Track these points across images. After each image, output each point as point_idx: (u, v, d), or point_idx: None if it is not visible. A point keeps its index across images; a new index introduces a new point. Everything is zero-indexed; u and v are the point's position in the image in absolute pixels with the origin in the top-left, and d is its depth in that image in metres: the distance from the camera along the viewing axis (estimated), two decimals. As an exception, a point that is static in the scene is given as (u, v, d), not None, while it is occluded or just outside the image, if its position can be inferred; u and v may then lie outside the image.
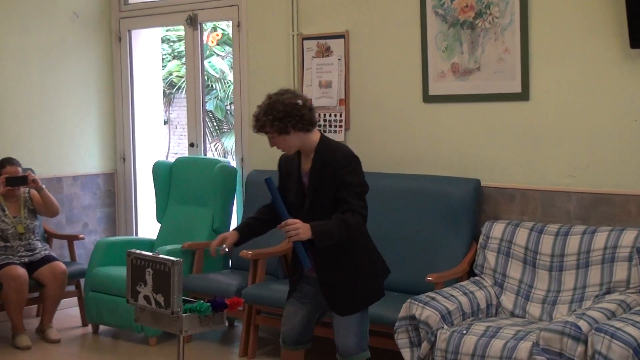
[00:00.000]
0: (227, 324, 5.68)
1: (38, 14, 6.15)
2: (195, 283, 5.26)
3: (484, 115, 4.81)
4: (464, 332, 3.91)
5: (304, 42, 5.51)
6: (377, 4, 5.20)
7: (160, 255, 3.56)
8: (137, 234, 6.65)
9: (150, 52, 6.80)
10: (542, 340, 3.62)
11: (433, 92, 4.98)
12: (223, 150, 14.20)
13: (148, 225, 6.61)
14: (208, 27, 12.77)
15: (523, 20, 4.59)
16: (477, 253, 4.58)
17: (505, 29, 4.65)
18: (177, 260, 3.46)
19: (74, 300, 5.95)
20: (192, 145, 6.32)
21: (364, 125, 5.30)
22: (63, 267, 5.54)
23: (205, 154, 6.48)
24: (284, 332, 3.76)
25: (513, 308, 4.32)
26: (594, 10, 4.39)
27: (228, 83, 13.53)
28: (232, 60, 6.65)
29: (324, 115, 5.43)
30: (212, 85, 13.85)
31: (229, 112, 13.81)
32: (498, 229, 4.51)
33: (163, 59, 11.93)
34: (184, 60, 7.72)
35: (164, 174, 6.07)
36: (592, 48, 4.42)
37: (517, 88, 4.65)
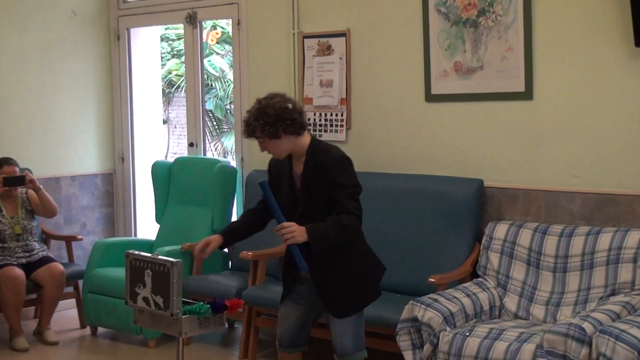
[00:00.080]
0: (227, 326, 5.67)
1: (36, 13, 6.15)
2: (195, 284, 5.25)
3: (487, 115, 4.80)
4: (467, 334, 3.90)
5: (305, 40, 5.50)
6: (378, 2, 5.19)
7: (160, 257, 3.56)
8: (135, 235, 6.65)
9: (149, 50, 6.80)
10: (546, 343, 3.61)
11: (435, 91, 4.97)
12: (223, 150, 14.19)
13: (147, 226, 6.61)
14: (208, 25, 12.75)
15: (526, 19, 4.57)
16: (480, 254, 4.57)
17: (509, 27, 4.64)
18: (176, 262, 3.46)
19: (72, 302, 5.94)
20: (191, 145, 6.31)
21: (366, 125, 5.29)
22: (61, 268, 5.54)
23: (205, 154, 6.48)
24: (280, 333, 3.79)
25: (516, 310, 4.30)
26: (599, 8, 4.37)
27: (228, 82, 13.54)
28: (232, 59, 6.64)
29: (325, 115, 5.42)
30: (211, 84, 13.85)
31: (229, 111, 13.81)
32: (501, 230, 4.50)
33: (162, 58, 11.94)
34: (184, 59, 7.70)
35: (163, 174, 6.06)
36: (596, 46, 4.40)
37: (520, 87, 4.64)
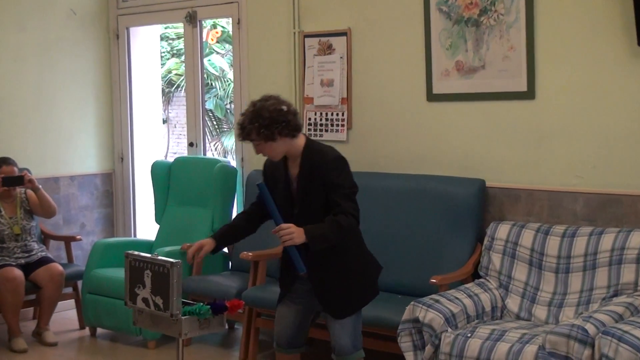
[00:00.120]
0: (227, 327, 5.66)
1: (35, 11, 6.14)
2: (195, 285, 5.25)
3: (489, 115, 4.79)
4: (469, 335, 3.89)
5: (306, 39, 5.49)
6: (379, 1, 5.18)
7: (159, 257, 3.56)
8: (135, 235, 6.64)
9: (149, 49, 6.80)
10: (548, 344, 3.59)
11: (437, 90, 4.96)
12: (223, 150, 14.19)
13: (146, 226, 6.61)
14: (208, 24, 12.75)
15: (529, 18, 4.56)
16: (481, 255, 4.56)
17: (511, 27, 4.63)
18: (176, 262, 3.46)
19: (71, 303, 5.94)
20: (191, 145, 6.31)
21: (367, 125, 5.28)
22: (60, 268, 5.53)
23: (205, 154, 6.48)
24: (277, 334, 3.81)
25: (518, 311, 4.29)
26: (601, 7, 4.36)
27: (228, 81, 13.54)
28: (232, 58, 6.63)
29: (326, 114, 5.41)
30: (211, 84, 13.85)
31: (229, 111, 13.80)
32: (503, 230, 4.49)
33: (162, 57, 11.92)
34: (183, 58, 7.71)
35: (163, 174, 6.06)
36: (599, 45, 4.39)
37: (522, 86, 4.63)
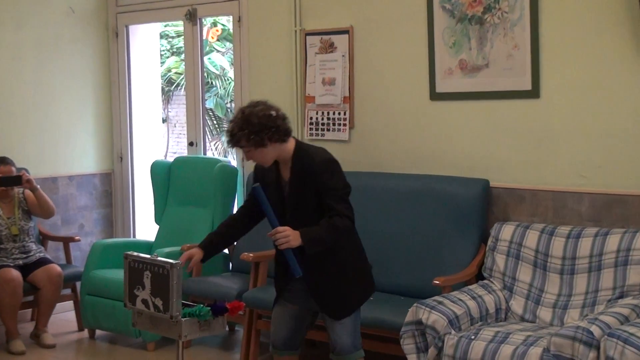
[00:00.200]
0: (227, 329, 5.62)
1: (33, 9, 6.13)
2: (195, 286, 5.22)
3: (493, 114, 4.77)
4: (472, 337, 3.88)
5: (307, 37, 5.48)
6: (382, -1, 5.18)
7: (159, 258, 3.55)
8: (134, 236, 6.64)
9: (149, 48, 6.79)
10: (553, 346, 3.59)
11: (440, 89, 4.94)
12: (223, 150, 14.17)
13: (146, 227, 6.60)
14: (208, 22, 12.74)
15: (533, 15, 4.54)
16: (485, 256, 4.55)
17: (515, 25, 4.61)
18: (176, 263, 3.45)
19: (70, 304, 5.93)
20: (191, 144, 6.30)
21: (369, 124, 5.27)
22: (58, 269, 5.52)
23: (205, 153, 6.47)
24: (274, 334, 3.80)
25: (523, 312, 4.28)
26: (606, 5, 4.34)
27: (228, 80, 13.54)
28: (232, 57, 6.60)
29: (328, 114, 5.40)
30: (212, 83, 13.85)
31: (230, 110, 13.79)
32: (507, 231, 4.48)
33: (161, 55, 11.93)
34: (183, 57, 7.69)
35: (163, 174, 6.05)
36: (604, 44, 4.37)
37: (527, 85, 4.61)
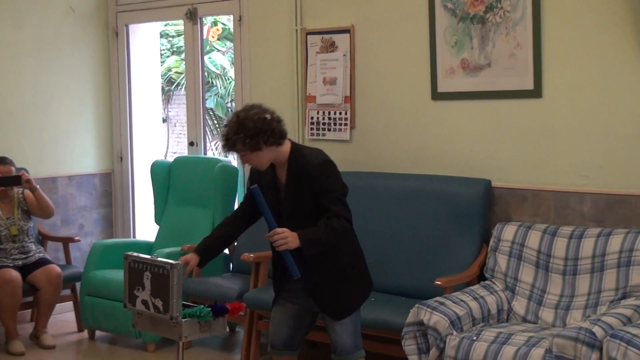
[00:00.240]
0: (228, 330, 5.62)
1: (32, 8, 6.12)
2: (195, 287, 5.21)
3: (495, 113, 4.76)
4: (474, 338, 3.87)
5: (308, 37, 5.47)
6: (383, -3, 5.17)
7: (159, 258, 3.55)
8: (134, 236, 6.63)
9: (149, 47, 6.78)
10: (555, 347, 3.57)
11: (442, 89, 4.93)
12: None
13: (146, 227, 6.59)
14: (208, 21, 12.73)
15: (535, 14, 4.53)
16: (487, 256, 4.54)
17: (517, 24, 4.60)
18: (176, 264, 3.44)
19: (69, 305, 5.92)
20: (191, 144, 6.29)
21: (370, 124, 5.26)
22: (58, 270, 5.50)
23: (206, 153, 6.46)
24: (272, 334, 3.79)
25: (525, 313, 4.27)
26: (609, 3, 4.32)
27: (229, 79, 13.53)
28: (233, 56, 6.58)
29: (329, 113, 5.39)
30: (212, 82, 13.84)
31: (230, 109, 13.77)
32: (509, 231, 4.47)
33: (162, 55, 11.92)
34: (184, 56, 7.67)
35: (163, 174, 6.04)
36: (607, 43, 4.36)
37: (529, 85, 4.60)
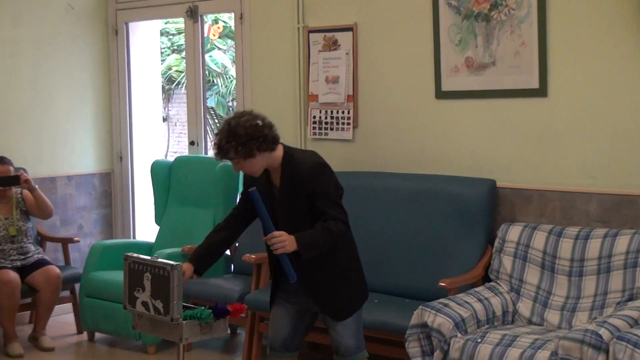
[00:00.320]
0: (229, 332, 5.60)
1: (31, 6, 6.11)
2: (196, 288, 5.18)
3: (500, 112, 4.75)
4: (479, 340, 3.86)
5: (310, 35, 5.45)
6: (386, -5, 5.16)
7: (159, 259, 3.54)
8: (134, 237, 6.63)
9: (149, 45, 6.77)
10: (561, 350, 3.56)
11: (446, 87, 4.92)
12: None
13: (146, 228, 6.58)
14: (209, 19, 12.71)
15: (541, 12, 4.51)
16: (492, 257, 4.52)
17: (522, 22, 4.58)
18: (176, 265, 3.44)
19: (69, 307, 5.92)
20: (192, 144, 6.27)
21: (373, 123, 5.24)
22: (57, 271, 5.49)
23: (206, 153, 6.43)
24: (271, 336, 3.78)
25: (530, 315, 4.25)
26: (615, 2, 4.30)
27: (230, 78, 13.53)
28: (234, 54, 6.54)
29: (331, 112, 5.37)
30: (213, 81, 13.84)
31: (231, 108, 13.76)
32: (514, 232, 4.45)
33: (162, 53, 11.90)
34: (184, 55, 7.65)
35: (163, 174, 6.02)
36: (613, 42, 4.34)
37: (534, 83, 4.59)
